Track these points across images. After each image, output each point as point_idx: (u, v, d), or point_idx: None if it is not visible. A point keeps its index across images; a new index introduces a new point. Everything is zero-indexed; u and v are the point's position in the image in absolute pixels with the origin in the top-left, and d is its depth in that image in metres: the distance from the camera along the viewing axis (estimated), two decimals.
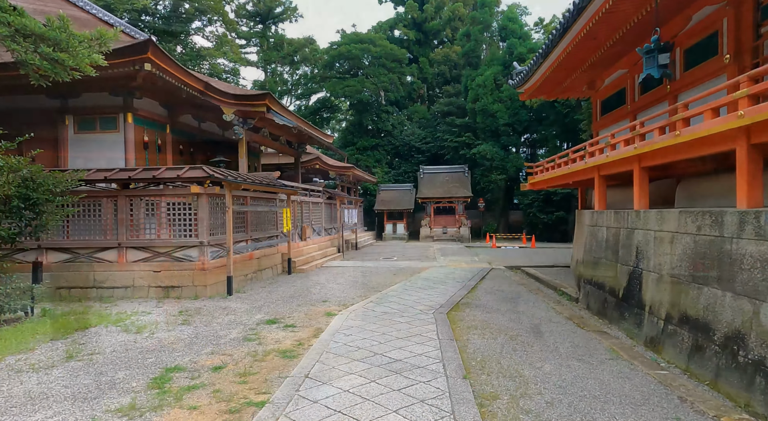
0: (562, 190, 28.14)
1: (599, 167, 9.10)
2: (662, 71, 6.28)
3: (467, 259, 18.31)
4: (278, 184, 13.01)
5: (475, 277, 12.70)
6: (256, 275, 12.21)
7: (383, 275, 13.23)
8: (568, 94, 14.13)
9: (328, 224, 20.36)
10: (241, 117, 13.87)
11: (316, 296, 9.81)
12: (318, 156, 24.23)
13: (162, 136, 13.89)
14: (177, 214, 9.90)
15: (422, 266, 15.55)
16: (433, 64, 39.18)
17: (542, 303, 9.08)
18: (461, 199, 30.96)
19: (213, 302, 9.08)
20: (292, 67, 43.89)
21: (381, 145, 35.82)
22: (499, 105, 31.18)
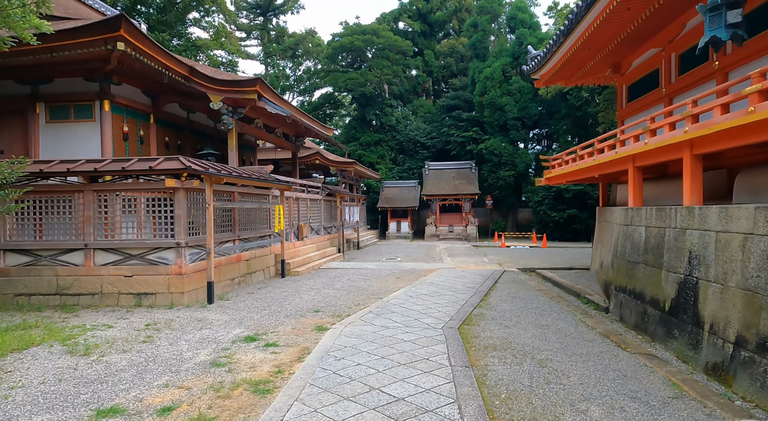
0: (574, 187, 26.86)
1: (634, 157, 7.86)
2: (731, 33, 5.03)
3: (476, 260, 17.09)
4: (270, 179, 11.85)
5: (486, 281, 11.48)
6: (244, 278, 11.06)
7: (385, 279, 12.05)
8: (589, 80, 12.85)
9: (327, 222, 19.20)
10: (230, 106, 12.72)
11: (308, 305, 8.64)
12: (318, 151, 23.09)
13: (145, 127, 12.76)
14: (151, 211, 8.76)
15: (428, 268, 14.35)
16: (438, 57, 37.87)
17: (568, 314, 7.86)
18: (468, 197, 29.72)
19: (189, 312, 7.93)
20: (293, 61, 42.73)
21: (385, 140, 34.60)
22: (507, 98, 29.88)
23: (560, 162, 12.49)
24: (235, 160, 12.98)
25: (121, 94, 11.66)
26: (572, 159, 11.33)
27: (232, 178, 9.35)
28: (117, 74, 11.15)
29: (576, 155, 10.88)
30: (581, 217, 27.01)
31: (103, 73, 10.89)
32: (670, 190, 9.00)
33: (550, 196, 28.04)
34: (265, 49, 39.68)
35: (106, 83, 11.12)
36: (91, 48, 9.46)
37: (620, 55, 10.88)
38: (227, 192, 10.51)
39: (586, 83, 13.23)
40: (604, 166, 9.23)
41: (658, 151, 6.91)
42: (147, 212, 8.76)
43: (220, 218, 10.29)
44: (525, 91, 29.81)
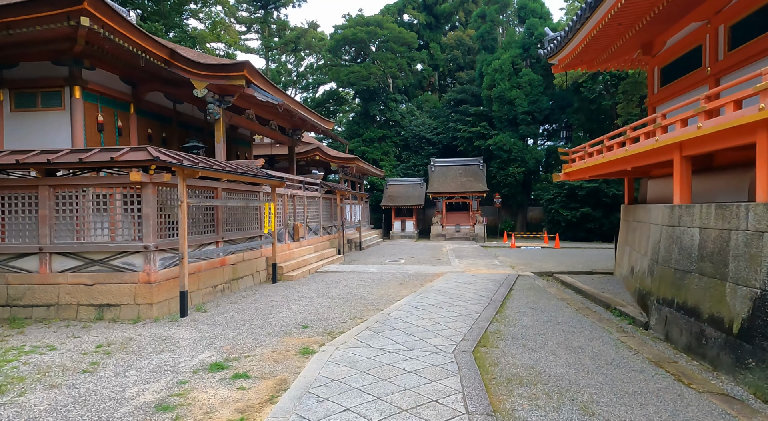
0: (588, 184, 25.51)
1: (682, 145, 6.60)
2: None
3: (486, 262, 15.85)
4: (260, 174, 10.68)
5: (500, 288, 10.25)
6: (229, 285, 9.90)
7: (387, 285, 10.85)
8: (614, 63, 11.57)
9: (327, 221, 18.02)
10: (216, 94, 11.56)
11: (297, 318, 7.46)
12: (318, 146, 21.91)
13: (124, 118, 11.63)
14: (116, 210, 7.60)
15: (435, 272, 13.13)
16: (444, 50, 36.55)
17: (602, 331, 6.63)
18: (476, 195, 28.43)
19: (155, 327, 6.77)
20: (295, 55, 41.57)
21: (389, 136, 33.36)
22: (517, 91, 28.55)
23: (582, 155, 11.22)
24: (222, 154, 11.82)
25: (94, 80, 10.54)
26: (597, 151, 10.06)
27: (211, 173, 8.17)
28: (88, 57, 10.02)
29: (602, 147, 9.61)
30: (595, 216, 25.66)
31: (72, 55, 9.76)
32: (718, 185, 7.74)
33: (562, 194, 26.69)
34: (266, 43, 38.53)
35: (77, 67, 10.00)
36: (52, 24, 8.31)
37: (653, 32, 9.60)
38: (209, 188, 9.35)
39: (609, 68, 11.94)
40: (640, 157, 7.96)
41: (718, 136, 5.64)
42: (112, 210, 7.61)
43: (200, 217, 9.13)
44: (535, 84, 28.46)
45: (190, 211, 8.67)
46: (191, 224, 8.77)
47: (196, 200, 8.04)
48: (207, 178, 9.28)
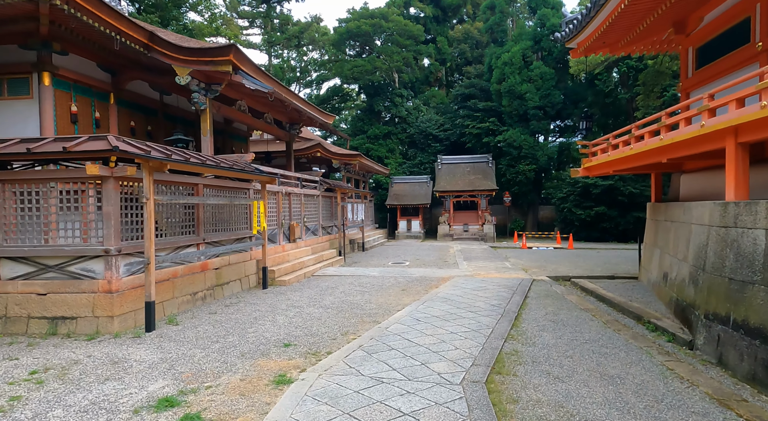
0: (602, 182, 24.28)
1: (738, 129, 5.48)
2: None
3: (497, 265, 14.75)
4: (248, 169, 9.69)
5: (514, 296, 9.17)
6: (212, 292, 8.91)
7: (388, 292, 9.80)
8: (640, 45, 10.42)
9: (327, 221, 17.02)
10: (202, 82, 10.59)
11: (280, 333, 6.44)
12: (319, 142, 20.92)
13: (102, 108, 10.70)
14: (74, 208, 6.63)
15: (441, 276, 12.07)
16: (452, 43, 35.39)
17: (641, 353, 5.53)
18: (485, 193, 27.28)
19: (112, 345, 5.78)
20: (298, 51, 40.60)
21: (394, 133, 32.27)
22: (528, 85, 27.32)
23: (604, 147, 10.09)
24: (209, 148, 10.85)
25: (67, 66, 9.61)
26: (623, 142, 8.93)
27: (186, 166, 7.18)
28: (58, 40, 9.08)
29: (630, 137, 8.48)
30: (610, 215, 24.41)
31: (39, 38, 8.82)
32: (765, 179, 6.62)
33: (575, 192, 25.46)
34: (269, 39, 37.61)
35: (46, 52, 9.06)
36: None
37: (688, 7, 8.46)
38: (188, 184, 8.36)
39: (634, 51, 10.79)
40: (679, 146, 6.84)
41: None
42: (69, 209, 6.64)
43: (177, 216, 8.15)
44: (547, 78, 27.23)
45: (163, 209, 7.69)
46: (166, 224, 7.80)
47: (166, 197, 7.05)
48: (185, 172, 8.32)
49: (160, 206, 7.63)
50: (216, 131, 15.71)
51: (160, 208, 7.64)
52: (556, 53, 27.58)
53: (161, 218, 7.70)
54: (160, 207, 7.61)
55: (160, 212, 7.65)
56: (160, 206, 7.63)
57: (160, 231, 7.60)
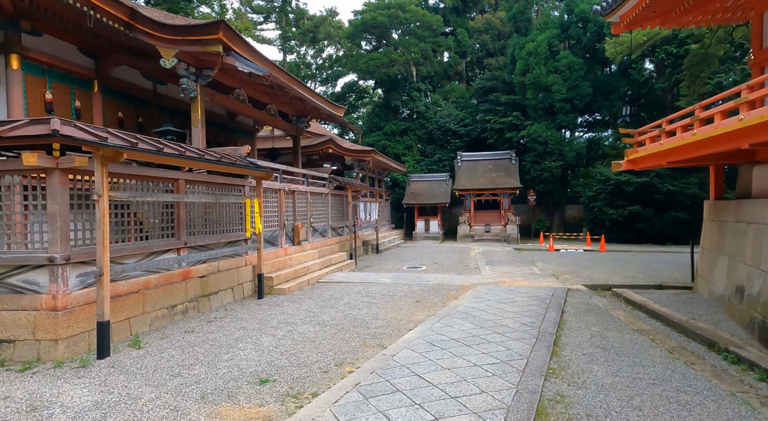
0: (637, 179, 22.46)
1: None
2: None
3: (523, 270, 13.26)
4: (240, 162, 8.49)
5: (549, 311, 7.73)
6: (196, 304, 7.74)
7: (399, 304, 8.48)
8: (699, 14, 8.82)
9: (337, 221, 15.78)
10: (192, 65, 9.45)
11: (261, 361, 5.19)
12: (331, 138, 19.71)
13: (84, 97, 9.66)
14: (14, 208, 5.51)
15: (460, 284, 10.69)
16: (472, 35, 33.76)
17: (733, 401, 4.08)
18: (507, 191, 25.67)
19: (46, 380, 4.62)
20: (313, 46, 39.56)
21: (412, 129, 30.88)
22: (554, 76, 25.60)
23: (654, 136, 8.56)
24: (200, 140, 9.71)
25: (41, 48, 8.58)
26: (682, 127, 7.40)
27: (157, 157, 6.00)
28: (28, 18, 8.07)
29: (694, 119, 6.96)
30: (645, 215, 22.56)
31: (4, 15, 7.82)
32: None
33: (606, 190, 23.67)
34: (284, 33, 36.64)
35: (13, 31, 8.04)
36: None
37: None
38: (164, 179, 7.20)
39: (690, 22, 9.19)
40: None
41: None
42: (8, 208, 5.51)
43: (150, 217, 6.99)
44: (575, 68, 25.45)
45: (131, 209, 6.53)
46: (136, 226, 6.64)
47: (128, 194, 5.86)
48: (161, 166, 7.17)
49: (128, 206, 6.48)
50: (218, 125, 14.67)
51: (128, 208, 6.49)
52: (585, 42, 25.78)
53: (132, 219, 6.55)
54: (127, 207, 6.46)
55: (130, 212, 6.51)
56: (128, 206, 6.48)
57: (128, 234, 6.46)
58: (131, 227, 6.53)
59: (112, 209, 6.15)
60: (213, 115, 14.29)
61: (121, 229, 6.34)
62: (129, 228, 6.51)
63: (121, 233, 6.38)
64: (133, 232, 6.53)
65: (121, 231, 6.35)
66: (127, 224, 6.51)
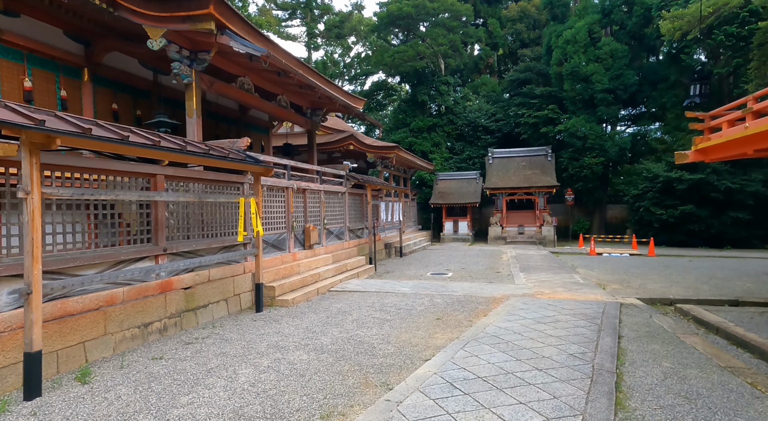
0: (690, 176, 20.28)
1: None
2: None
3: (563, 278, 11.66)
4: (234, 156, 7.36)
5: (602, 334, 6.23)
6: (178, 320, 6.64)
7: (417, 321, 7.15)
8: None
9: (355, 222, 14.57)
10: (185, 48, 8.41)
11: (225, 409, 3.98)
12: (352, 134, 18.56)
13: (72, 86, 8.79)
14: None
15: (491, 295, 9.25)
16: (505, 25, 31.95)
17: None
18: (543, 190, 23.84)
19: None
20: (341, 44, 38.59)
21: (440, 125, 29.39)
22: (594, 65, 23.60)
23: (736, 117, 6.91)
24: (195, 132, 8.67)
25: (18, 31, 7.74)
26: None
27: (119, 147, 4.90)
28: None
29: None
30: (700, 215, 20.34)
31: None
32: None
33: (654, 188, 21.52)
34: (309, 30, 35.83)
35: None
36: None
37: None
38: (139, 174, 6.13)
39: None
40: None
41: None
42: None
43: (116, 218, 5.92)
44: (619, 56, 23.37)
45: (89, 210, 5.47)
46: (98, 231, 5.58)
47: (68, 191, 4.77)
48: (131, 159, 6.11)
49: (86, 206, 5.42)
50: (228, 120, 13.71)
51: (87, 209, 5.43)
52: (630, 26, 23.66)
53: (90, 222, 5.49)
54: (85, 207, 5.40)
55: (89, 214, 5.45)
56: (86, 206, 5.42)
57: (87, 240, 5.40)
58: (90, 232, 5.47)
59: (61, 210, 5.10)
60: (223, 109, 13.35)
61: (76, 233, 5.28)
62: (89, 233, 5.45)
63: (77, 238, 5.32)
64: (93, 237, 5.47)
65: (76, 236, 5.29)
66: (85, 228, 5.45)
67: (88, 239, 5.43)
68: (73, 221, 5.23)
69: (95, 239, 5.52)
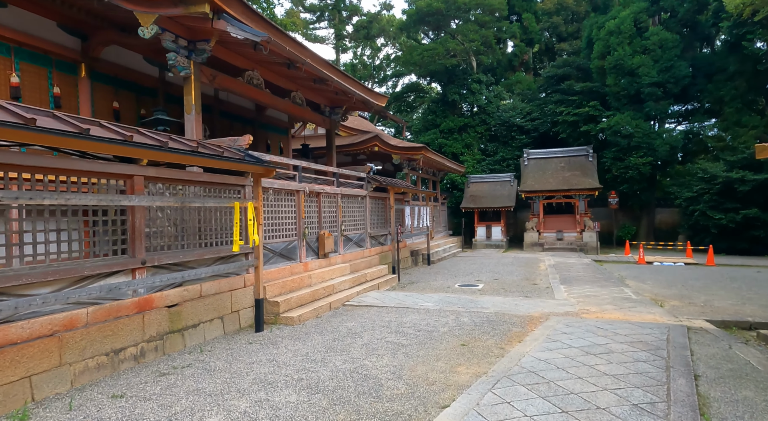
0: (754, 176, 18.25)
1: None
2: None
3: (612, 292, 10.20)
4: (233, 156, 6.47)
5: (671, 373, 4.89)
6: (160, 344, 5.76)
7: (436, 349, 5.99)
8: None
9: (378, 228, 13.54)
10: (181, 36, 7.64)
11: None
12: (377, 134, 17.54)
13: (67, 82, 8.17)
14: None
15: (527, 313, 7.98)
16: (540, 19, 30.31)
17: None
18: (584, 193, 22.10)
19: None
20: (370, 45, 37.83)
21: (471, 125, 28.04)
22: (641, 57, 21.74)
23: None
24: (193, 130, 7.87)
25: (4, 22, 7.16)
26: None
27: (53, 140, 4.05)
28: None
29: None
30: (766, 220, 18.17)
31: None
32: None
33: (711, 190, 19.48)
34: (337, 32, 35.26)
35: None
36: None
37: None
38: (112, 175, 5.30)
39: None
40: None
41: None
42: None
43: (84, 227, 5.09)
44: (669, 46, 21.43)
45: (33, 215, 4.65)
46: (57, 241, 4.76)
47: (8, 194, 3.93)
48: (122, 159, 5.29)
49: (53, 212, 4.61)
50: (243, 120, 12.98)
51: (53, 215, 4.62)
52: (681, 13, 21.71)
53: (45, 230, 4.67)
54: (50, 213, 4.59)
55: (43, 220, 4.64)
56: (53, 212, 4.61)
57: (44, 253, 4.58)
58: (46, 243, 4.64)
59: (4, 217, 4.30)
60: (237, 109, 12.64)
61: (24, 245, 4.47)
62: (44, 244, 4.63)
63: (26, 250, 4.51)
64: (47, 249, 4.64)
65: (24, 248, 4.48)
66: (38, 239, 4.63)
67: (43, 252, 4.61)
68: (21, 230, 4.41)
69: (50, 252, 4.69)
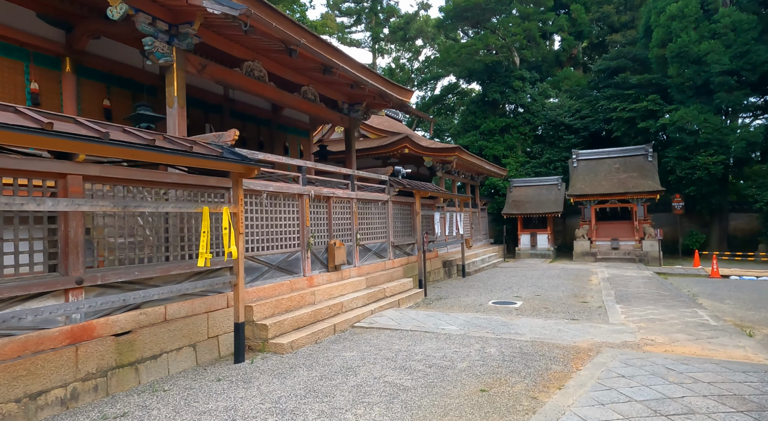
0: None
1: None
2: None
3: (683, 314, 8.28)
4: (197, 150, 5.37)
5: None
6: (101, 383, 4.69)
7: (446, 396, 4.55)
8: None
9: (403, 236, 12.18)
10: (160, 19, 6.70)
11: None
12: (406, 135, 16.27)
13: (47, 78, 7.46)
14: None
15: (572, 344, 6.34)
16: (590, 9, 27.98)
17: None
18: (643, 196, 19.69)
19: None
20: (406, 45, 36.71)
21: (514, 125, 26.13)
22: (710, 43, 19.17)
23: None
24: (175, 126, 6.90)
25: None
26: None
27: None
28: None
29: None
30: None
31: None
32: None
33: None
34: (374, 35, 34.40)
35: None
36: None
37: None
38: (35, 174, 4.31)
39: None
40: None
41: None
42: None
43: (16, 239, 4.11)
44: (743, 28, 18.78)
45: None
46: None
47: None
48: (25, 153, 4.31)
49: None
50: (258, 120, 12.08)
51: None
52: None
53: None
54: None
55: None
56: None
57: None
58: None
59: None
60: (251, 109, 11.78)
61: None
62: None
63: None
64: None
65: None
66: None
67: None
68: None
69: None
